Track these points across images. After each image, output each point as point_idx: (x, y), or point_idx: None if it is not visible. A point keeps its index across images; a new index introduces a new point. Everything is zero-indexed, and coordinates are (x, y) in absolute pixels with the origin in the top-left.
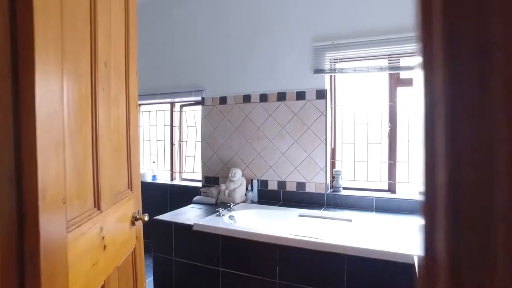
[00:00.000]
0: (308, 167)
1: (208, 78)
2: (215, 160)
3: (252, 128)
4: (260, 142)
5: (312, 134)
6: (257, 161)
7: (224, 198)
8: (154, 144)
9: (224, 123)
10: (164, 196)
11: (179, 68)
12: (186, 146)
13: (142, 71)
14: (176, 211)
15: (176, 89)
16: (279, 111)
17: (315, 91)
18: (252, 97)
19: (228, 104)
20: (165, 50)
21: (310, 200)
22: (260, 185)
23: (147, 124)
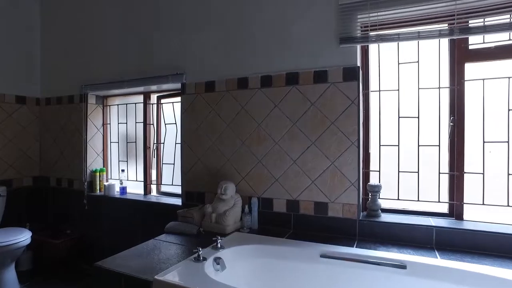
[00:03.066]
0: (332, 180)
1: (189, 56)
2: (199, 169)
3: (250, 125)
4: (262, 145)
5: (338, 132)
6: (258, 172)
7: (210, 225)
8: (124, 147)
9: (212, 118)
10: (135, 216)
11: (151, 45)
12: (163, 149)
13: (103, 54)
14: (138, 247)
15: (147, 73)
16: (289, 99)
17: (342, 70)
18: (251, 80)
19: (217, 91)
20: (131, 23)
21: (336, 229)
22: (262, 206)
23: (115, 121)
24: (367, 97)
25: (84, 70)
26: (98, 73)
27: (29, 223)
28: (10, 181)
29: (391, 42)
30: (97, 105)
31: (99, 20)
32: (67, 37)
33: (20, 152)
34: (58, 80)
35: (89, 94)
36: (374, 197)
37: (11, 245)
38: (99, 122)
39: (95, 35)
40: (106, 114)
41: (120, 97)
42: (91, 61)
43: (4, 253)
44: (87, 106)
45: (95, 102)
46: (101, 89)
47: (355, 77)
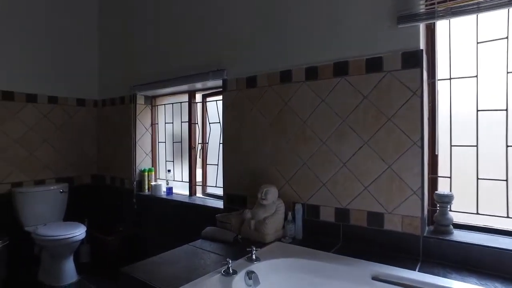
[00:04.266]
0: (389, 187)
1: (230, 51)
2: (241, 170)
3: (294, 122)
4: (308, 145)
5: (396, 130)
6: (303, 175)
7: (248, 232)
8: (170, 147)
9: (254, 116)
10: (178, 217)
11: (192, 42)
12: (207, 149)
13: (149, 55)
14: (170, 253)
15: (189, 71)
16: (338, 93)
17: (400, 56)
18: (294, 73)
19: (258, 87)
20: (174, 21)
21: (393, 246)
22: (307, 214)
23: (163, 121)
24: (433, 87)
25: (134, 71)
26: (145, 73)
27: (87, 218)
28: (72, 179)
29: (467, 15)
30: (145, 106)
31: (146, 21)
32: (119, 41)
33: (80, 151)
34: (112, 82)
35: (138, 94)
36: (444, 209)
37: (68, 239)
38: (148, 122)
39: (142, 37)
40: (155, 114)
41: (167, 96)
42: (140, 62)
43: (62, 245)
44: (136, 106)
45: (144, 102)
46: (147, 89)
47: (418, 63)
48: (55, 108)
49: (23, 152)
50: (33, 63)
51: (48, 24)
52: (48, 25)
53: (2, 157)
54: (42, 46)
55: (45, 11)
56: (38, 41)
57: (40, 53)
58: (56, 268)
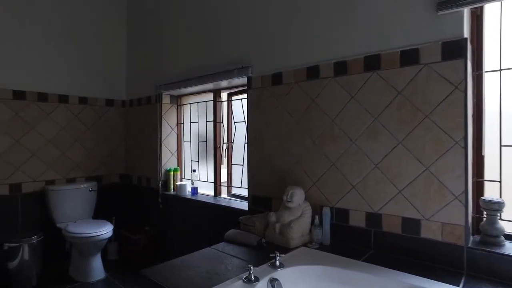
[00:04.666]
0: (427, 191)
1: (254, 47)
2: (266, 171)
3: (322, 121)
4: (336, 144)
5: (435, 128)
6: (331, 176)
7: (273, 236)
8: (196, 147)
9: (279, 114)
10: (203, 218)
11: (216, 39)
12: (232, 149)
13: (174, 53)
14: (191, 255)
15: (213, 69)
16: (369, 89)
17: (440, 46)
18: (322, 69)
19: (284, 84)
20: (197, 19)
21: (432, 257)
22: (335, 218)
23: (188, 121)
24: (479, 80)
25: (159, 71)
26: (171, 72)
27: (115, 216)
28: (101, 177)
29: None
30: (171, 105)
31: (170, 20)
32: (146, 41)
33: (109, 151)
34: (139, 82)
35: (163, 94)
36: (492, 217)
37: (95, 237)
38: (174, 122)
39: (167, 35)
40: (180, 114)
41: (192, 96)
42: (165, 61)
43: (90, 243)
44: (161, 106)
45: (169, 101)
46: (172, 88)
47: (461, 54)
48: (85, 108)
49: (56, 151)
50: (65, 65)
51: (78, 27)
52: (78, 28)
53: (37, 156)
54: (72, 49)
55: (76, 15)
56: (69, 43)
57: (71, 55)
58: (85, 264)
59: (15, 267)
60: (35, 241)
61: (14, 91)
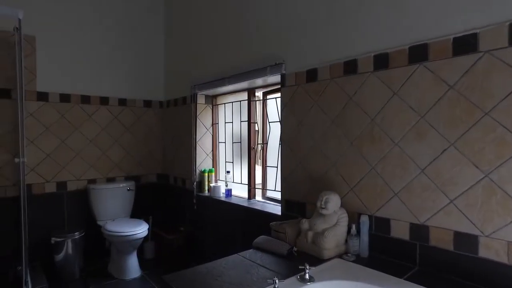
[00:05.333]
0: (487, 202)
1: (288, 42)
2: (300, 174)
3: (360, 120)
4: (376, 146)
5: (498, 128)
6: (370, 182)
7: (305, 245)
8: (230, 148)
9: (314, 113)
10: (236, 221)
11: (248, 37)
12: (266, 150)
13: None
14: (215, 263)
15: (247, 68)
16: (414, 83)
17: (508, 29)
18: (360, 63)
19: (319, 80)
20: (230, 17)
21: (493, 281)
22: (375, 228)
23: (223, 121)
24: None
25: (195, 71)
26: (205, 72)
27: (151, 216)
28: (139, 177)
29: None
30: (206, 105)
31: (203, 19)
32: (182, 42)
33: (146, 151)
34: (176, 83)
35: (198, 94)
36: None
37: (130, 236)
38: (209, 122)
39: (201, 35)
40: (215, 114)
41: (227, 95)
42: (200, 61)
43: (125, 241)
44: (196, 106)
45: (204, 102)
46: (206, 88)
47: None
48: (124, 109)
49: (97, 151)
50: (106, 68)
51: (118, 32)
52: (118, 32)
53: (80, 156)
54: (113, 52)
55: (116, 20)
56: (109, 47)
57: (111, 59)
58: (122, 262)
59: (60, 260)
60: (77, 237)
61: (60, 94)
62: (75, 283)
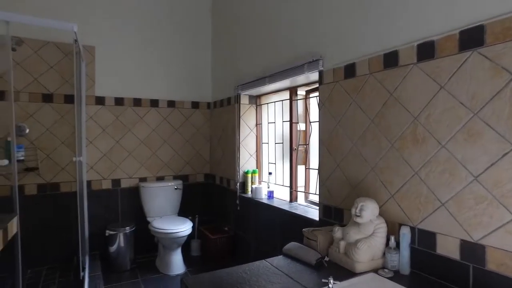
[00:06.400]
0: None
1: (325, 36)
2: (338, 178)
3: (402, 119)
4: (420, 148)
5: None
6: (413, 189)
7: (337, 255)
8: (273, 148)
9: (352, 112)
10: (276, 224)
11: (285, 34)
12: (309, 151)
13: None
14: (239, 268)
15: (285, 66)
16: (465, 74)
17: None
18: (402, 54)
19: (357, 76)
20: (269, 15)
21: None
22: (418, 241)
23: (266, 121)
24: None
25: (238, 71)
26: (248, 72)
27: (198, 215)
28: (187, 177)
29: None
30: (250, 105)
31: (244, 19)
32: (227, 43)
33: (194, 151)
34: (222, 84)
35: (242, 94)
36: None
37: (174, 233)
38: (252, 123)
39: (243, 35)
40: (259, 114)
41: (270, 95)
42: (243, 61)
43: (169, 239)
44: (240, 106)
45: (248, 102)
46: (248, 88)
47: None
48: (173, 111)
49: (147, 151)
50: (156, 72)
51: (168, 38)
52: (166, 36)
53: (132, 156)
54: (162, 56)
55: (165, 28)
56: (158, 51)
57: (161, 63)
58: (167, 258)
59: (114, 251)
60: (128, 231)
61: (115, 98)
62: (126, 274)
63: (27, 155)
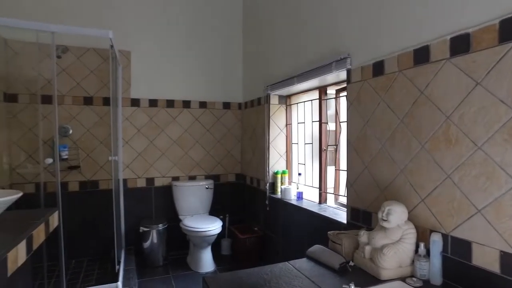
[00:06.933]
0: None
1: (353, 32)
2: (366, 180)
3: (433, 118)
4: (453, 150)
5: None
6: (446, 193)
7: (362, 260)
8: (302, 149)
9: (381, 112)
10: (304, 226)
11: (313, 32)
12: (339, 152)
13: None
14: (261, 269)
15: (314, 64)
16: (505, 69)
17: None
18: (434, 49)
19: (386, 74)
20: (295, 13)
21: None
22: (451, 250)
23: (296, 122)
24: None
25: (268, 71)
26: (277, 72)
27: (228, 214)
28: (218, 176)
29: None
30: (280, 105)
31: (272, 18)
32: (257, 43)
33: (225, 151)
34: (252, 84)
35: (271, 94)
36: None
37: (203, 232)
38: (282, 123)
39: (272, 34)
40: (289, 114)
41: (300, 94)
42: (273, 61)
43: (199, 237)
44: (269, 106)
45: (278, 102)
46: (277, 88)
47: None
48: (204, 112)
49: (180, 151)
50: (188, 75)
51: (200, 41)
52: (199, 41)
53: (165, 155)
54: (194, 58)
55: (197, 31)
56: (190, 54)
57: (193, 65)
58: (197, 255)
59: (147, 247)
60: (161, 228)
61: (149, 100)
62: (159, 269)
63: (70, 154)
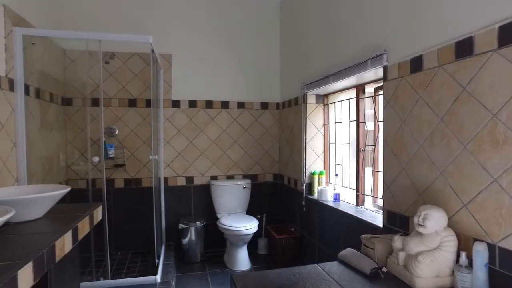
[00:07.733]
0: None
1: (389, 27)
2: (403, 182)
3: (477, 117)
4: (500, 151)
5: None
6: (492, 199)
7: (395, 267)
8: (339, 149)
9: (419, 110)
10: (342, 228)
11: (349, 29)
12: (377, 152)
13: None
14: (290, 270)
15: (350, 62)
16: None
17: None
18: (478, 40)
19: (425, 70)
20: (329, 11)
21: None
22: (499, 262)
23: (333, 121)
24: None
25: (305, 71)
26: (313, 71)
27: (265, 214)
28: (256, 176)
29: None
30: (317, 105)
31: (308, 17)
32: (294, 43)
33: (263, 151)
34: (290, 84)
35: (308, 94)
36: None
37: (239, 231)
38: (320, 123)
39: (309, 34)
40: (326, 114)
41: (338, 93)
42: (309, 60)
43: (235, 236)
44: (306, 106)
45: (315, 101)
46: (314, 87)
47: None
48: (242, 112)
49: (218, 151)
50: (226, 76)
51: (238, 42)
52: (237, 43)
53: (204, 155)
54: (232, 59)
55: (236, 33)
56: (228, 55)
57: (231, 66)
58: (233, 254)
59: (186, 243)
60: (199, 226)
61: (189, 101)
62: (196, 266)
63: (116, 153)
